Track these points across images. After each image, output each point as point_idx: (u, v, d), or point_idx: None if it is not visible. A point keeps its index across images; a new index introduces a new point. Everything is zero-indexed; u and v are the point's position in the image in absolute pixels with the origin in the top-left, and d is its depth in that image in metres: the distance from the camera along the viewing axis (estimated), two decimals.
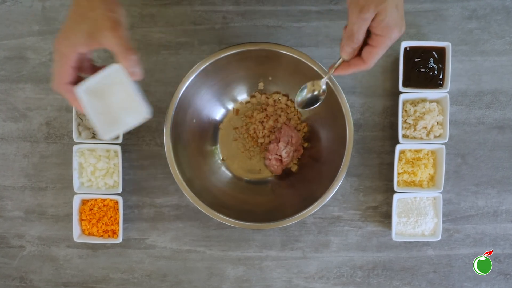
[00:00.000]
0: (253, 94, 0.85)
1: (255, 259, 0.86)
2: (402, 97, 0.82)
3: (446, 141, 0.81)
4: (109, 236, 0.84)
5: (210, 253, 0.86)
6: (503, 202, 0.85)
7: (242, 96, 0.85)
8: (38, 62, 0.85)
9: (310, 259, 0.86)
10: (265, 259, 0.86)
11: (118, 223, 0.82)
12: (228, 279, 0.86)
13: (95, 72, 0.60)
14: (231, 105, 0.85)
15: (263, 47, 0.74)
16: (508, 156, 0.85)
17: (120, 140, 0.81)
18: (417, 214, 0.82)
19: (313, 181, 0.80)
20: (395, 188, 0.82)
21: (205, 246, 0.86)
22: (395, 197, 0.82)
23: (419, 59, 0.82)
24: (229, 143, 0.85)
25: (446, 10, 0.85)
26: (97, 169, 0.82)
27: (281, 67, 0.78)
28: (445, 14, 0.85)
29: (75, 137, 0.81)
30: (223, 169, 0.85)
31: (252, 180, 0.85)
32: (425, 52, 0.82)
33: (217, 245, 0.86)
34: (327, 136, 0.81)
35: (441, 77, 0.82)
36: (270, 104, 0.84)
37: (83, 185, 0.83)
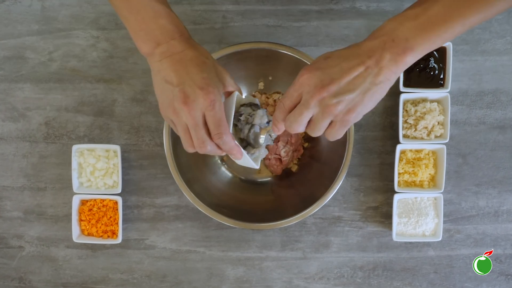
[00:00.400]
0: (253, 94, 0.84)
1: (255, 259, 0.85)
2: (402, 97, 0.81)
3: (447, 141, 0.81)
4: (109, 236, 0.83)
5: (210, 254, 0.85)
6: (504, 202, 0.85)
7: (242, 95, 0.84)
8: (37, 61, 0.85)
9: (310, 260, 0.85)
10: (265, 259, 0.85)
11: (117, 224, 0.82)
12: (228, 279, 0.85)
13: None
14: None
15: (263, 47, 0.74)
16: (509, 156, 0.85)
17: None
18: (418, 214, 0.82)
19: (313, 181, 0.80)
20: (396, 188, 0.81)
21: (205, 246, 0.85)
22: (396, 197, 0.81)
23: (420, 59, 0.81)
24: None
25: None
26: (96, 169, 0.82)
27: (281, 66, 0.78)
28: None
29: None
30: (223, 169, 0.84)
31: (252, 180, 0.85)
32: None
33: (217, 246, 0.85)
34: None
35: (441, 76, 0.82)
36: (270, 104, 0.84)
37: (82, 185, 0.83)
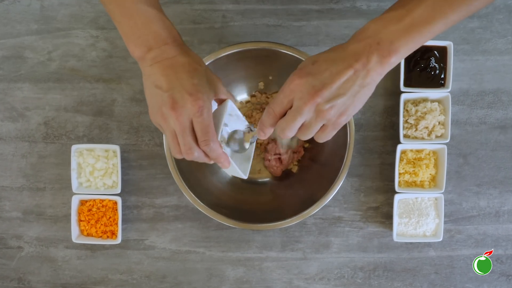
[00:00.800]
0: (253, 93, 0.84)
1: (255, 260, 0.85)
2: (403, 97, 0.81)
3: (447, 141, 0.81)
4: (108, 237, 0.83)
5: (209, 254, 0.85)
6: (505, 202, 0.85)
7: (242, 95, 0.84)
8: (36, 61, 0.85)
9: (310, 260, 0.85)
10: (265, 260, 0.85)
11: (117, 224, 0.82)
12: (228, 280, 0.85)
13: None
14: None
15: (263, 46, 0.73)
16: (510, 156, 0.85)
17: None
18: (419, 214, 0.82)
19: (314, 181, 0.79)
20: (396, 188, 0.81)
21: (204, 247, 0.85)
22: (396, 197, 0.81)
23: (420, 59, 0.81)
24: None
25: None
26: (95, 169, 0.82)
27: (281, 66, 0.78)
28: None
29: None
30: (222, 169, 0.84)
31: (252, 180, 0.84)
32: (427, 51, 0.81)
33: (217, 246, 0.85)
34: None
35: (442, 76, 0.81)
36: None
37: (81, 185, 0.83)
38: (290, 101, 0.53)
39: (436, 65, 0.81)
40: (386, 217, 0.85)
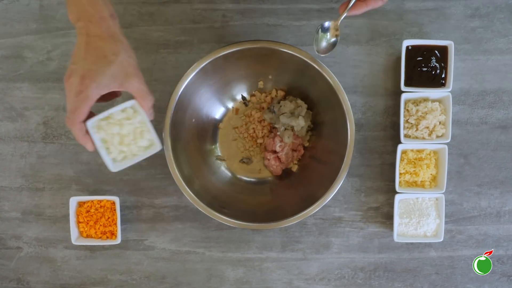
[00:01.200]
0: (253, 93, 0.84)
1: (255, 260, 0.85)
2: (404, 97, 0.81)
3: (448, 141, 0.81)
4: (108, 237, 0.83)
5: (209, 255, 0.85)
6: (506, 202, 0.85)
7: (241, 95, 0.84)
8: (35, 61, 0.85)
9: (310, 261, 0.85)
10: (265, 260, 0.85)
11: (116, 224, 0.81)
12: (228, 280, 0.85)
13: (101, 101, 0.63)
14: (230, 104, 0.84)
15: (263, 45, 0.73)
16: (511, 156, 0.84)
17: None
18: (419, 215, 0.82)
19: (314, 181, 0.79)
20: (397, 188, 0.81)
21: (204, 247, 0.85)
22: (397, 197, 0.81)
23: (421, 58, 0.81)
24: (228, 143, 0.84)
25: (448, 8, 0.84)
26: (124, 136, 0.67)
27: (281, 65, 0.78)
28: (447, 12, 0.84)
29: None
30: (222, 169, 0.84)
31: (252, 180, 0.84)
32: (427, 51, 0.81)
33: (216, 246, 0.85)
34: (328, 136, 0.80)
35: (443, 76, 0.81)
36: (269, 103, 0.83)
37: (115, 160, 0.69)
38: None
39: (437, 64, 0.81)
40: (386, 218, 0.85)
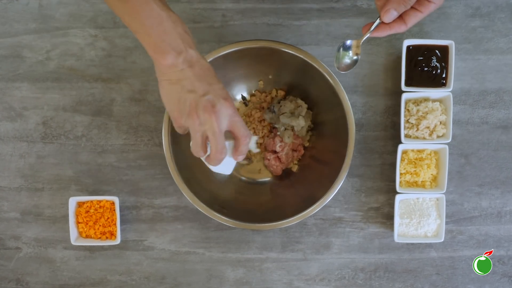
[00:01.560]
0: (253, 93, 0.84)
1: (255, 261, 0.85)
2: (404, 96, 0.81)
3: (449, 141, 0.80)
4: (107, 237, 0.82)
5: (209, 255, 0.85)
6: (507, 203, 0.84)
7: (241, 94, 0.84)
8: (34, 60, 0.84)
9: (311, 261, 0.85)
10: (265, 261, 0.85)
11: (115, 224, 0.81)
12: (227, 281, 0.85)
13: None
14: None
15: (263, 45, 0.73)
16: None
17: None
18: (420, 215, 0.81)
19: (314, 181, 0.79)
20: (397, 188, 0.81)
21: (204, 247, 0.85)
22: (397, 198, 0.81)
23: (421, 58, 0.80)
24: None
25: (449, 8, 0.84)
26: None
27: (281, 65, 0.77)
28: (448, 12, 0.84)
29: None
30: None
31: (252, 180, 0.84)
32: (428, 50, 0.80)
33: (216, 247, 0.85)
34: (329, 136, 0.80)
35: (444, 76, 0.81)
36: (269, 103, 0.83)
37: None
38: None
39: (437, 64, 0.81)
40: (387, 218, 0.84)
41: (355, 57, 0.66)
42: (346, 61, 0.67)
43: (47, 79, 0.84)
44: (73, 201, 0.81)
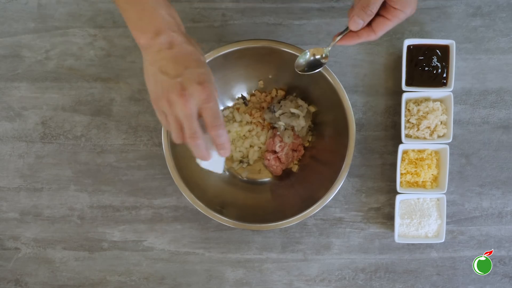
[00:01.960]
0: (253, 92, 0.83)
1: (255, 261, 0.84)
2: (405, 96, 0.80)
3: (450, 141, 0.80)
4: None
5: (209, 255, 0.84)
6: (508, 203, 0.84)
7: (241, 94, 0.83)
8: (33, 60, 0.84)
9: (311, 262, 0.84)
10: (265, 261, 0.84)
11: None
12: (227, 282, 0.84)
13: None
14: (230, 104, 0.84)
15: (263, 44, 0.73)
16: None
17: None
18: (420, 215, 0.81)
19: (314, 181, 0.79)
20: (398, 189, 0.80)
21: (204, 248, 0.84)
22: (398, 198, 0.80)
23: (422, 58, 0.80)
24: None
25: (450, 7, 0.84)
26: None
27: (281, 65, 0.77)
28: (449, 11, 0.84)
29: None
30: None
31: (252, 180, 0.84)
32: (429, 50, 0.80)
33: (216, 247, 0.84)
34: (329, 136, 0.80)
35: (444, 75, 0.81)
36: (269, 102, 0.83)
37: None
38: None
39: (438, 64, 0.80)
40: (387, 218, 0.84)
41: (312, 58, 0.68)
42: (300, 61, 0.69)
43: (46, 79, 0.84)
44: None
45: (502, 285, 0.84)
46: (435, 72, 0.80)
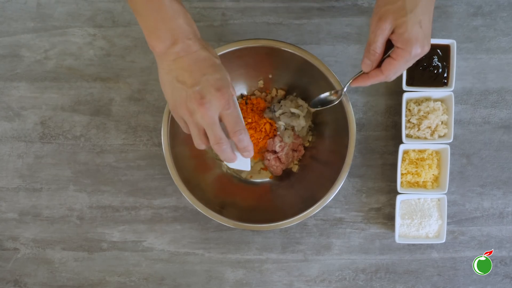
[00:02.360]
0: (253, 92, 0.83)
1: (255, 262, 0.84)
2: (405, 96, 0.80)
3: (450, 141, 0.80)
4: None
5: (209, 256, 0.84)
6: (509, 203, 0.84)
7: (241, 94, 0.83)
8: (33, 60, 0.84)
9: (311, 262, 0.84)
10: (265, 262, 0.84)
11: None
12: (227, 282, 0.84)
13: None
14: None
15: (263, 44, 0.72)
16: None
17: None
18: (421, 215, 0.81)
19: (315, 181, 0.79)
20: (399, 189, 0.80)
21: (203, 248, 0.84)
22: (399, 198, 0.80)
23: (423, 57, 0.80)
24: None
25: (451, 7, 0.83)
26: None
27: (281, 65, 0.77)
28: (449, 11, 0.83)
29: None
30: (222, 169, 0.83)
31: (252, 180, 0.83)
32: (429, 49, 0.80)
33: (216, 248, 0.84)
34: (329, 136, 0.80)
35: (445, 75, 0.80)
36: (269, 102, 0.82)
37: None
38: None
39: (439, 63, 0.80)
40: (388, 218, 0.84)
41: (326, 96, 0.73)
42: (320, 97, 0.73)
43: (46, 79, 0.84)
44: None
45: (503, 286, 0.84)
46: (436, 72, 0.80)
